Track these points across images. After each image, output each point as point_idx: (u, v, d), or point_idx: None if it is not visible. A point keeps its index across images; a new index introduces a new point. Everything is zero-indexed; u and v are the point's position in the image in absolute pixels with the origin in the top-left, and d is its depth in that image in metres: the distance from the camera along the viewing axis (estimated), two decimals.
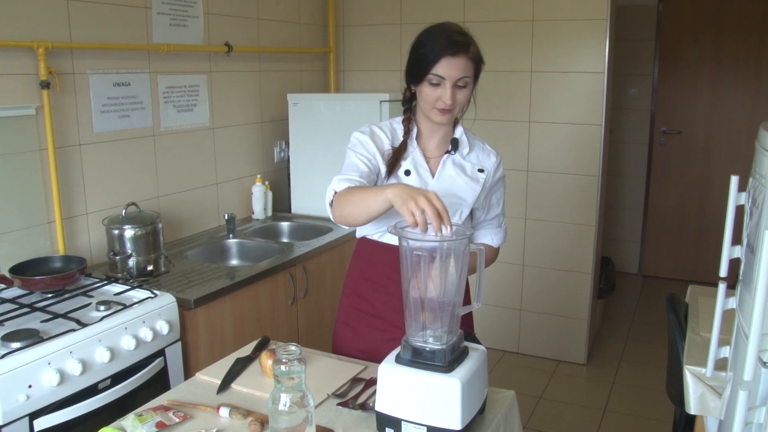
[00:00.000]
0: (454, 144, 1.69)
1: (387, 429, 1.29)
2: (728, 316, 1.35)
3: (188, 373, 2.11)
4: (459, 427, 1.23)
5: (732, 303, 1.34)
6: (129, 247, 2.31)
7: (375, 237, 1.71)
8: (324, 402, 1.46)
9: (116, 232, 2.31)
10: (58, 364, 1.70)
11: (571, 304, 3.63)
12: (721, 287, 1.32)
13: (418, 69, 1.58)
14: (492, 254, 1.80)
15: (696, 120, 4.87)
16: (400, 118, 1.73)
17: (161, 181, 2.76)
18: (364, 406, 1.41)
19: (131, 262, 2.31)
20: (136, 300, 2.03)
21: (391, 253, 1.56)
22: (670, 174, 5.02)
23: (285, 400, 1.17)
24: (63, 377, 1.70)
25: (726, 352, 1.39)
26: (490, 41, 3.49)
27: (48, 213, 2.28)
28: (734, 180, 1.29)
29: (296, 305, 2.64)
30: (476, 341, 1.49)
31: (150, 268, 2.34)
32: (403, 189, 1.34)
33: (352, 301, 1.78)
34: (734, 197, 1.29)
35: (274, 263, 2.53)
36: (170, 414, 1.38)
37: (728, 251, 1.31)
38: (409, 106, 1.70)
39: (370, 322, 1.73)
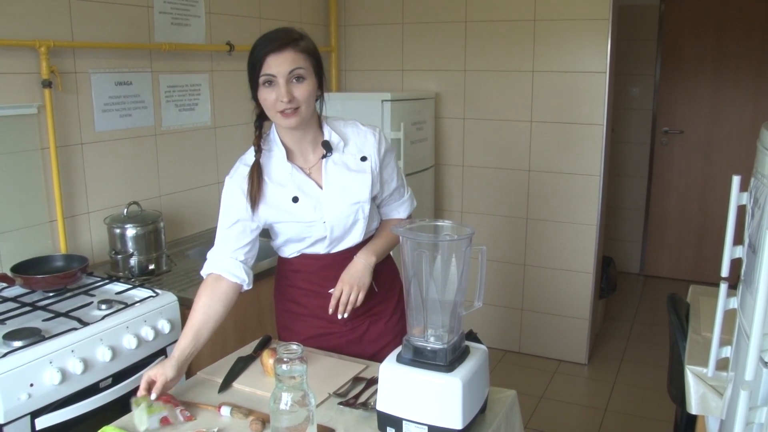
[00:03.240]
0: (327, 147, 1.65)
1: (388, 428, 1.29)
2: (729, 316, 1.34)
3: (189, 372, 2.11)
4: (460, 427, 1.23)
5: (733, 303, 1.34)
6: (130, 246, 2.31)
7: (293, 256, 1.75)
8: (325, 401, 1.46)
9: (118, 231, 2.31)
10: (59, 363, 1.70)
11: (572, 303, 3.62)
12: (723, 287, 1.32)
13: (251, 76, 1.57)
14: None
15: (697, 120, 4.86)
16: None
17: (163, 180, 2.76)
18: (366, 406, 1.41)
19: (133, 261, 2.31)
20: (138, 299, 2.03)
21: (318, 260, 1.70)
22: (672, 174, 5.02)
23: (286, 399, 1.17)
24: (64, 376, 1.70)
25: (727, 352, 1.39)
26: (491, 41, 3.50)
27: (50, 212, 2.28)
28: (736, 180, 1.29)
29: None
30: (477, 341, 1.49)
31: (151, 267, 2.35)
32: None
33: (287, 307, 1.84)
34: (736, 197, 1.29)
35: (275, 262, 2.51)
36: (177, 412, 1.37)
37: (730, 251, 1.31)
38: (259, 123, 1.69)
39: (308, 321, 1.79)
